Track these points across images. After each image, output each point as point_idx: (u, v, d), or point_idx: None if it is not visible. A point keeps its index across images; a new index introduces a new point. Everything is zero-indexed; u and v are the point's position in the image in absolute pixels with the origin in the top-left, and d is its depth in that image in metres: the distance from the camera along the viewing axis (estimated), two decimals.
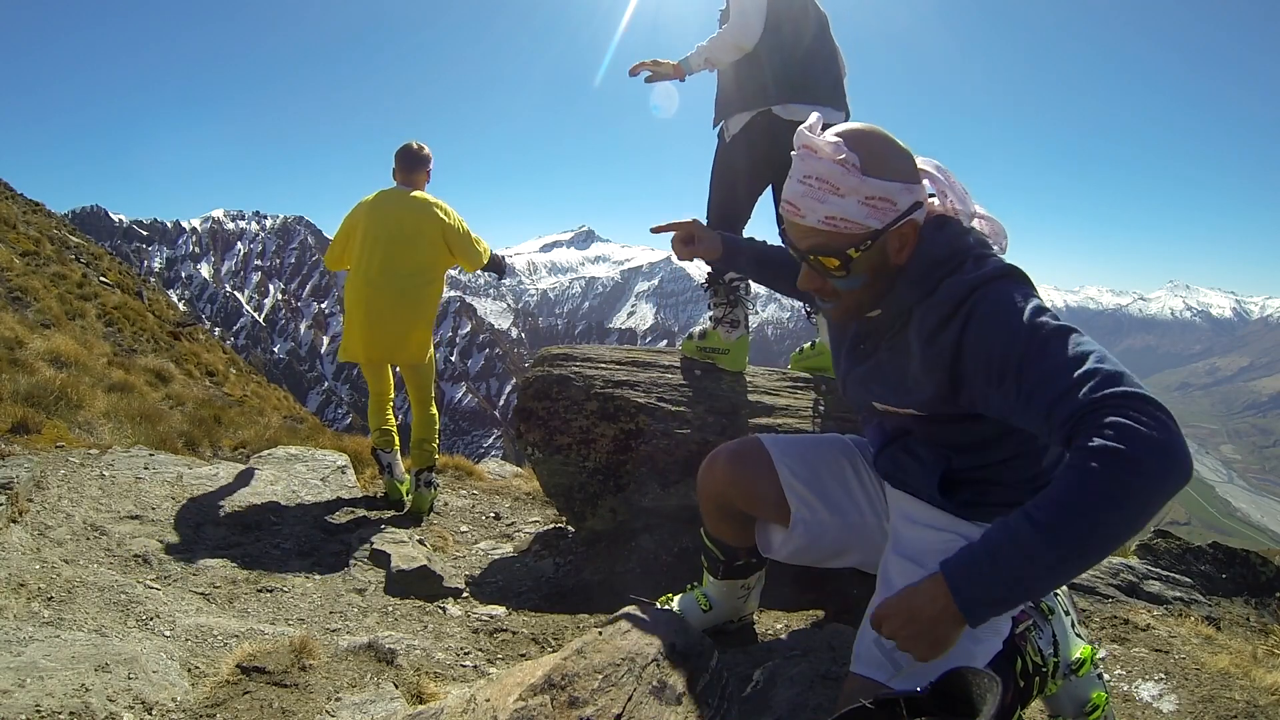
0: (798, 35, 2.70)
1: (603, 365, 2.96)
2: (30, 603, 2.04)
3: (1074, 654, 1.50)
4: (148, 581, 2.39)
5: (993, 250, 1.28)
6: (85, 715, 1.51)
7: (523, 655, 2.21)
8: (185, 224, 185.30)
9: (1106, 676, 2.11)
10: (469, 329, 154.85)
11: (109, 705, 1.56)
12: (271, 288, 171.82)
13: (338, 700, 1.74)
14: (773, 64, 2.68)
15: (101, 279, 12.75)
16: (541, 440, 2.84)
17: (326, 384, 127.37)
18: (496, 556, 3.17)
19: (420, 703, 1.76)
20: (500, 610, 2.57)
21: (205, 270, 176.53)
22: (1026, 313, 1.11)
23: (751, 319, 3.04)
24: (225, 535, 2.92)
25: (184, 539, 2.80)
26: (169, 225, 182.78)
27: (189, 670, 1.83)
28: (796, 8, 2.72)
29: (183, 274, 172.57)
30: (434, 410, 3.69)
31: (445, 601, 2.63)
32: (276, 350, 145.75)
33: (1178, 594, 2.79)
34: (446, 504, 3.82)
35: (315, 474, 3.74)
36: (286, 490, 3.47)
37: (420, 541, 3.15)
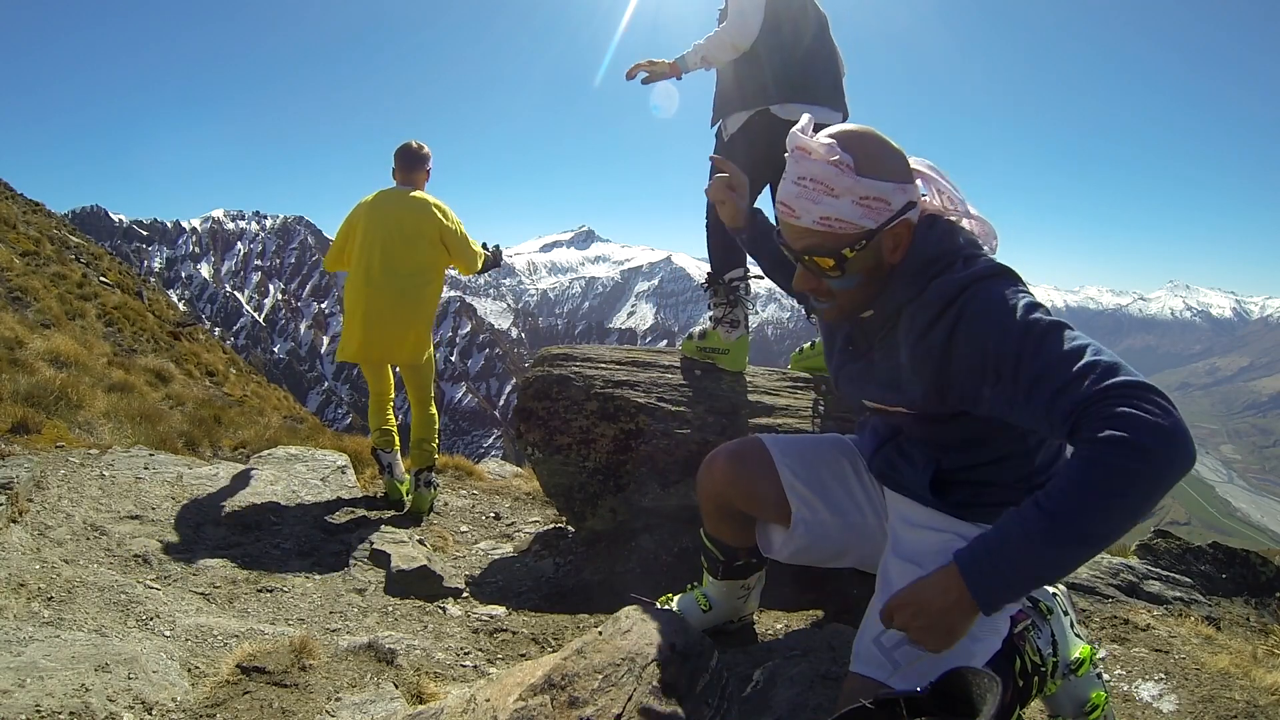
0: (797, 35, 2.71)
1: (603, 365, 2.96)
2: (30, 603, 2.04)
3: (1073, 654, 1.50)
4: (148, 581, 2.39)
5: (983, 250, 1.28)
6: (85, 715, 1.51)
7: (523, 655, 2.21)
8: (185, 224, 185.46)
9: (1106, 676, 2.11)
10: (469, 329, 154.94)
11: (109, 705, 1.56)
12: (271, 288, 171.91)
13: (338, 700, 1.74)
14: (772, 64, 2.69)
15: (101, 279, 12.75)
16: (541, 440, 2.84)
17: (326, 384, 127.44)
18: (496, 556, 3.17)
19: (420, 703, 1.76)
20: (500, 610, 2.57)
21: (205, 270, 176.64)
22: (1019, 310, 1.12)
23: (751, 319, 3.04)
24: (225, 535, 2.92)
25: (184, 539, 2.80)
26: (169, 225, 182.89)
27: (189, 670, 1.83)
28: (796, 8, 2.72)
29: (183, 274, 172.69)
30: (434, 410, 3.70)
31: (445, 601, 2.63)
32: (276, 350, 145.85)
33: (1178, 594, 2.79)
34: (446, 504, 3.82)
35: (315, 474, 3.74)
36: (286, 490, 3.47)
37: (420, 541, 3.15)
